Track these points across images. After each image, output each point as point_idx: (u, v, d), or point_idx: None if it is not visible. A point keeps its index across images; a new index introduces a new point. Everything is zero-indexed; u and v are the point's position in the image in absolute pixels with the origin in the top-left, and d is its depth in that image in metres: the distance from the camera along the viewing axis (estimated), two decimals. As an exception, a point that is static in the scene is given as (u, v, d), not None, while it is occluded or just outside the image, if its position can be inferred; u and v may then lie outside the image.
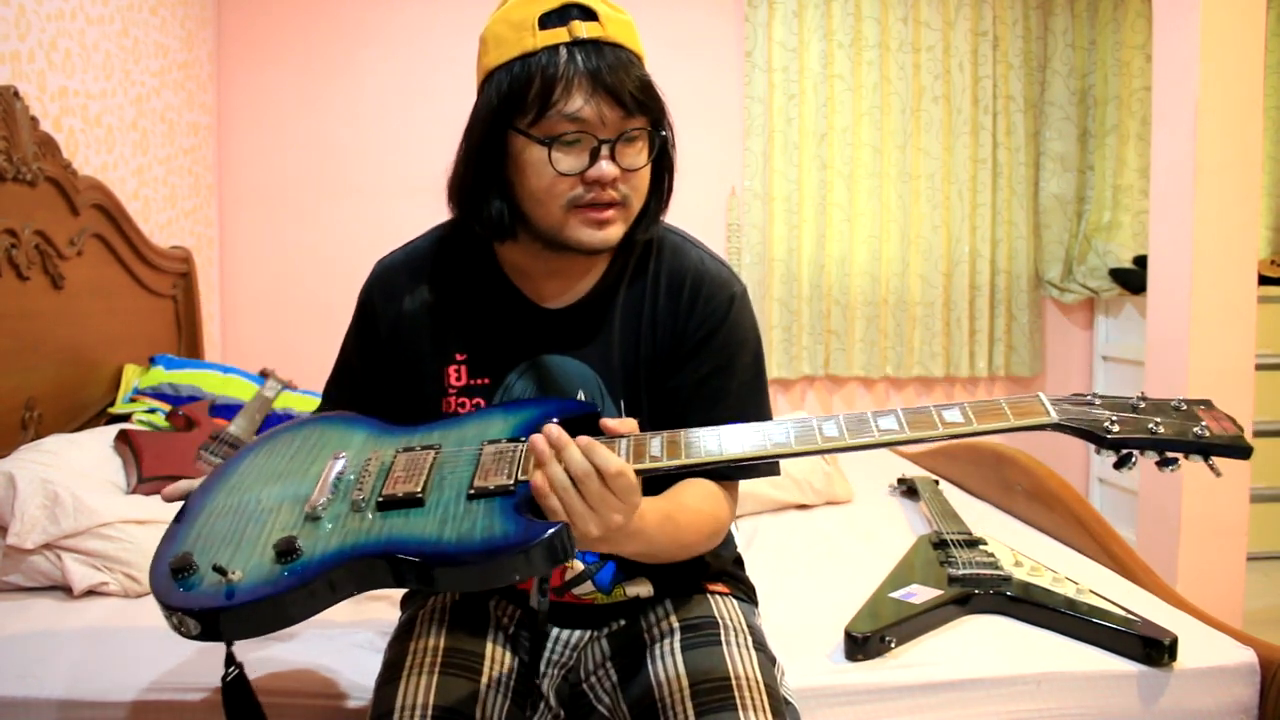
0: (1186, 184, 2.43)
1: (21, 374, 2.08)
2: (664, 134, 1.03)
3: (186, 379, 2.44)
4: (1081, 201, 3.78)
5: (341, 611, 1.09)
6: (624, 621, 1.15)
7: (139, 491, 1.90)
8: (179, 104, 3.18)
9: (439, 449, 0.96)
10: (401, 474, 0.92)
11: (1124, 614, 1.45)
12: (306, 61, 3.54)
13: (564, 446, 0.84)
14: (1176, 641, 1.38)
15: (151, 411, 2.35)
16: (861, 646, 1.38)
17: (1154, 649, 1.37)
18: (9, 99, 2.01)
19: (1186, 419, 0.83)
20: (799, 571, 1.81)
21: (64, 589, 1.65)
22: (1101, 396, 0.86)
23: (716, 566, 1.20)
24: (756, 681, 1.02)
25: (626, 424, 0.90)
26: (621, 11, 1.02)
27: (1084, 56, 3.74)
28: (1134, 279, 3.48)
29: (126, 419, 2.32)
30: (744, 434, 0.88)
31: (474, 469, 0.90)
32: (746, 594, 1.24)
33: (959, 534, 1.82)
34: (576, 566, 1.13)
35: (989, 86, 3.68)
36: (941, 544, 1.76)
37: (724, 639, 1.08)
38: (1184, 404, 0.85)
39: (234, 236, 3.57)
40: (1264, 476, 3.15)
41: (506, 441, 0.94)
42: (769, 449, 0.86)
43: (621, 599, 1.14)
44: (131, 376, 2.51)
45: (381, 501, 0.88)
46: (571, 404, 1.03)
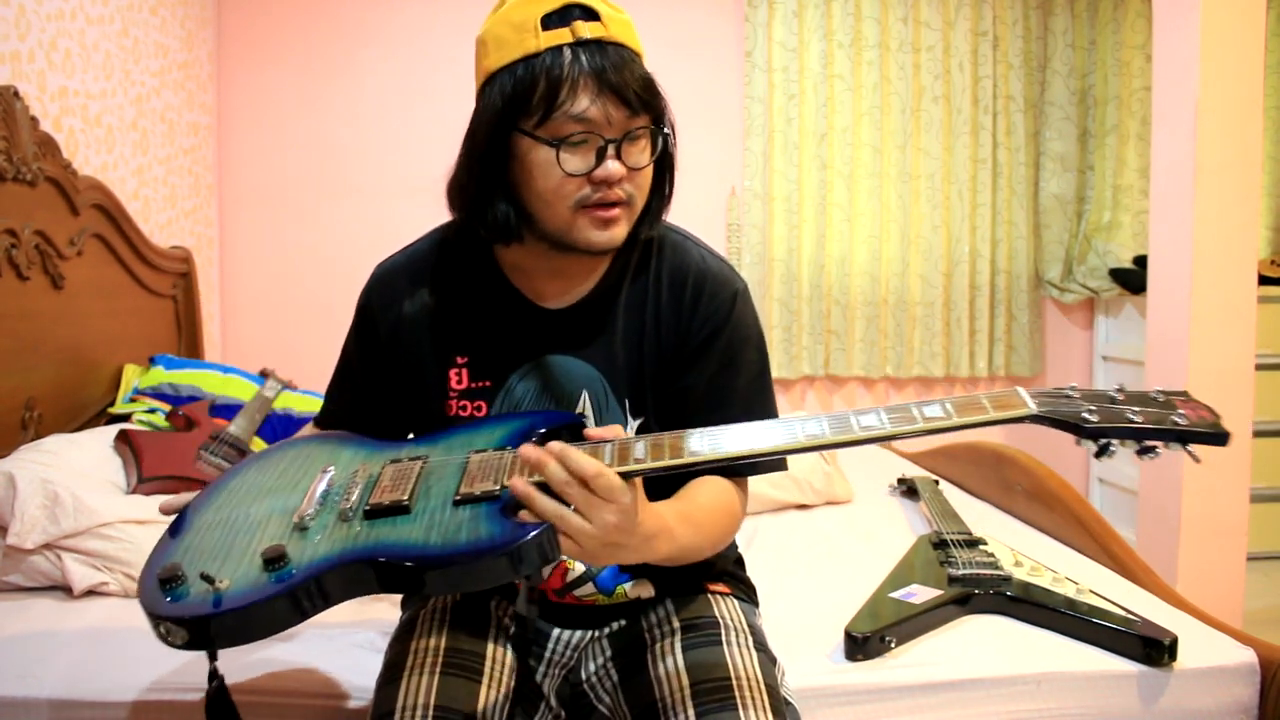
0: (1186, 184, 2.43)
1: (21, 374, 2.08)
2: (666, 132, 1.03)
3: (186, 379, 2.44)
4: (1081, 201, 3.78)
5: (342, 612, 1.09)
6: (625, 622, 1.16)
7: (139, 491, 1.90)
8: (179, 104, 3.18)
9: (426, 460, 0.97)
10: (388, 484, 0.93)
11: (1124, 614, 1.45)
12: (306, 61, 3.54)
13: (544, 465, 0.83)
14: (1176, 641, 1.38)
15: (151, 411, 2.35)
16: (861, 646, 1.38)
17: (1154, 649, 1.37)
18: (9, 99, 2.01)
19: (1164, 408, 0.85)
20: (799, 571, 1.81)
21: (64, 589, 1.65)
22: (1081, 389, 0.88)
23: (718, 567, 1.20)
24: (757, 681, 1.02)
25: (611, 431, 0.90)
26: (621, 11, 1.02)
27: (1084, 56, 3.73)
28: (1134, 279, 3.47)
29: (126, 419, 2.32)
30: (738, 434, 0.88)
31: (460, 477, 0.91)
32: (747, 594, 1.24)
33: (959, 534, 1.82)
34: (578, 568, 1.13)
35: (989, 86, 3.68)
36: (941, 544, 1.76)
37: (725, 639, 1.08)
38: (1161, 394, 0.87)
39: (234, 236, 3.57)
40: (1264, 476, 3.15)
41: (493, 451, 0.95)
42: (760, 449, 0.86)
43: (623, 600, 1.14)
44: (131, 376, 2.51)
45: (369, 510, 0.89)
46: (555, 415, 1.04)
